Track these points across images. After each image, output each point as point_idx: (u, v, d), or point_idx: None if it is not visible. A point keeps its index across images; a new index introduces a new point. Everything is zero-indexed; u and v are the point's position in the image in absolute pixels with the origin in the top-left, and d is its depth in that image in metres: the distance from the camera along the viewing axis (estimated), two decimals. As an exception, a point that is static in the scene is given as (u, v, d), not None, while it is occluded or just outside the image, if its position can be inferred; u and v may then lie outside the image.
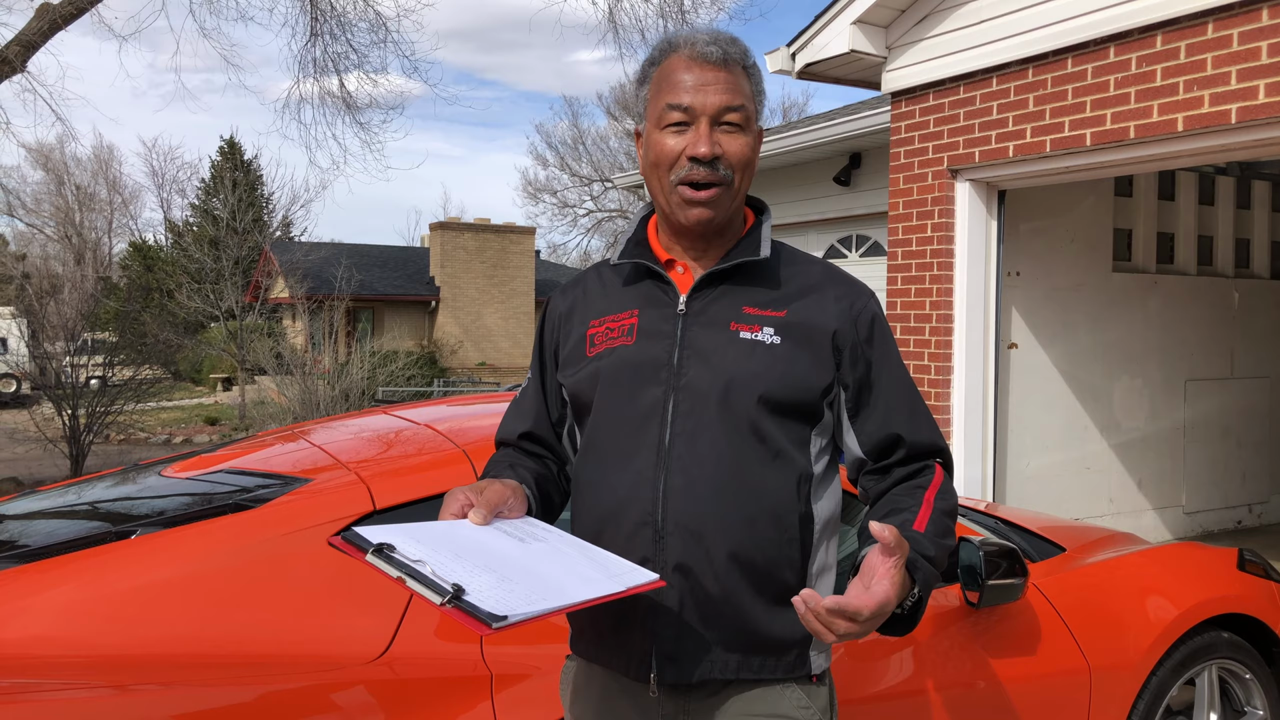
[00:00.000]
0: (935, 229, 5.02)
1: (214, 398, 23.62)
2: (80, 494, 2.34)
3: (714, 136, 1.36)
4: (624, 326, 1.45)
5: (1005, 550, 2.18)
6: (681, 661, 1.36)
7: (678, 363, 1.40)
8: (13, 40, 8.85)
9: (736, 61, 1.38)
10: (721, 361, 1.38)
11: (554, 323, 1.56)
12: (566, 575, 1.21)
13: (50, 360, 12.20)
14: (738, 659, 1.37)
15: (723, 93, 1.36)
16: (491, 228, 27.72)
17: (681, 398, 1.39)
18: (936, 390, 4.99)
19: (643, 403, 1.40)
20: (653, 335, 1.43)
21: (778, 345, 1.38)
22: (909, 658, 2.17)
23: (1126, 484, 6.16)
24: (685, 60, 1.38)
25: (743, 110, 1.38)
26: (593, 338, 1.47)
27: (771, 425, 1.37)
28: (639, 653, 1.38)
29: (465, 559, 1.19)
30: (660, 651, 1.36)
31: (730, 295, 1.43)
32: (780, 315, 1.40)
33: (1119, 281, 6.05)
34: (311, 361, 13.33)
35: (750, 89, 1.40)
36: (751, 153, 1.40)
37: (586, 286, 1.55)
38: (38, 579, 1.68)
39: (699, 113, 1.36)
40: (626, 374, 1.42)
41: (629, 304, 1.47)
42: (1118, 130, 4.16)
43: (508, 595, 1.11)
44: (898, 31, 5.11)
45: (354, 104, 12.01)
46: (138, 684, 1.55)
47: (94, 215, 39.82)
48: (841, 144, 7.32)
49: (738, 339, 1.39)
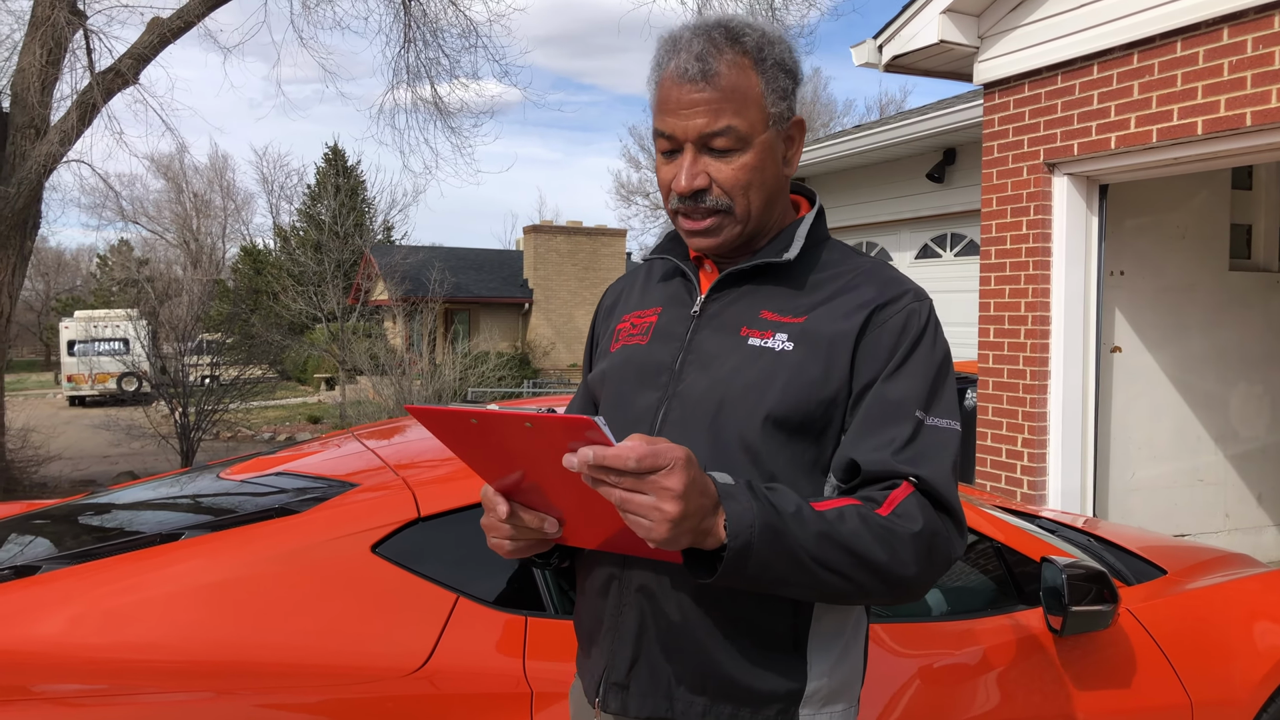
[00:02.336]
0: (1031, 226, 4.76)
1: (317, 397, 24.44)
2: (144, 493, 2.38)
3: (700, 164, 1.22)
4: (645, 325, 1.37)
5: (1093, 573, 2.00)
6: (630, 692, 1.25)
7: (679, 367, 1.29)
8: (125, 54, 9.27)
9: (730, 65, 1.19)
10: (720, 370, 1.25)
11: (600, 316, 1.50)
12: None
13: (166, 360, 12.79)
14: (703, 703, 1.22)
15: (704, 115, 1.19)
16: (583, 230, 27.95)
17: (674, 405, 1.27)
18: (1032, 396, 4.74)
19: (636, 407, 1.30)
20: (666, 337, 1.33)
21: (788, 353, 1.22)
22: (989, 685, 2.02)
23: (1245, 498, 5.74)
24: (670, 78, 1.21)
25: (730, 132, 1.20)
26: (617, 333, 1.40)
27: (768, 444, 1.20)
28: (596, 674, 1.30)
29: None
30: (610, 677, 1.27)
31: (750, 298, 1.29)
32: (798, 321, 1.24)
33: (1236, 281, 5.64)
34: (408, 362, 13.65)
35: (759, 84, 1.21)
36: (751, 173, 1.22)
37: (634, 279, 1.48)
38: (83, 581, 1.69)
39: (681, 139, 1.22)
40: (631, 375, 1.33)
41: (656, 301, 1.38)
42: (1233, 117, 3.85)
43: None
44: (990, 20, 4.87)
45: (445, 109, 12.19)
46: (167, 691, 1.54)
47: (209, 221, 41.80)
48: (934, 139, 7.07)
49: (744, 346, 1.25)
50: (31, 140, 8.83)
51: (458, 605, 1.75)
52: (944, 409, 1.22)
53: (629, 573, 1.26)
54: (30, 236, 9.27)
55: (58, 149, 8.87)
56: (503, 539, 1.18)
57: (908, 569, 1.11)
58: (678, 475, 0.98)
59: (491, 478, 1.16)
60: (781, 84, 1.24)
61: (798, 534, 1.06)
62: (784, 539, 1.05)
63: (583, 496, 1.06)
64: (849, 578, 1.09)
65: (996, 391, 4.95)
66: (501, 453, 1.09)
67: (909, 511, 1.12)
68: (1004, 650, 2.05)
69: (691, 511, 1.00)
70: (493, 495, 1.15)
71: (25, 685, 1.53)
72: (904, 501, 1.13)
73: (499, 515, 1.14)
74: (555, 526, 1.16)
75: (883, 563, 1.10)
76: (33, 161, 8.71)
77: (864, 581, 1.10)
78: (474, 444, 1.10)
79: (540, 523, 1.15)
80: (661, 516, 0.98)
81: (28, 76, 8.83)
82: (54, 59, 8.93)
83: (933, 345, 1.23)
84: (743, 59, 1.21)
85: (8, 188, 8.67)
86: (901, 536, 1.11)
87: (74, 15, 8.97)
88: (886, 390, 1.20)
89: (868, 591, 1.12)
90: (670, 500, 0.98)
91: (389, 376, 12.82)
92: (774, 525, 1.05)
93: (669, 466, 0.98)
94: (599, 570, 1.30)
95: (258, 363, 14.06)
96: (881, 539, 1.10)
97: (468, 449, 1.12)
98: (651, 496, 0.98)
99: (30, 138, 8.84)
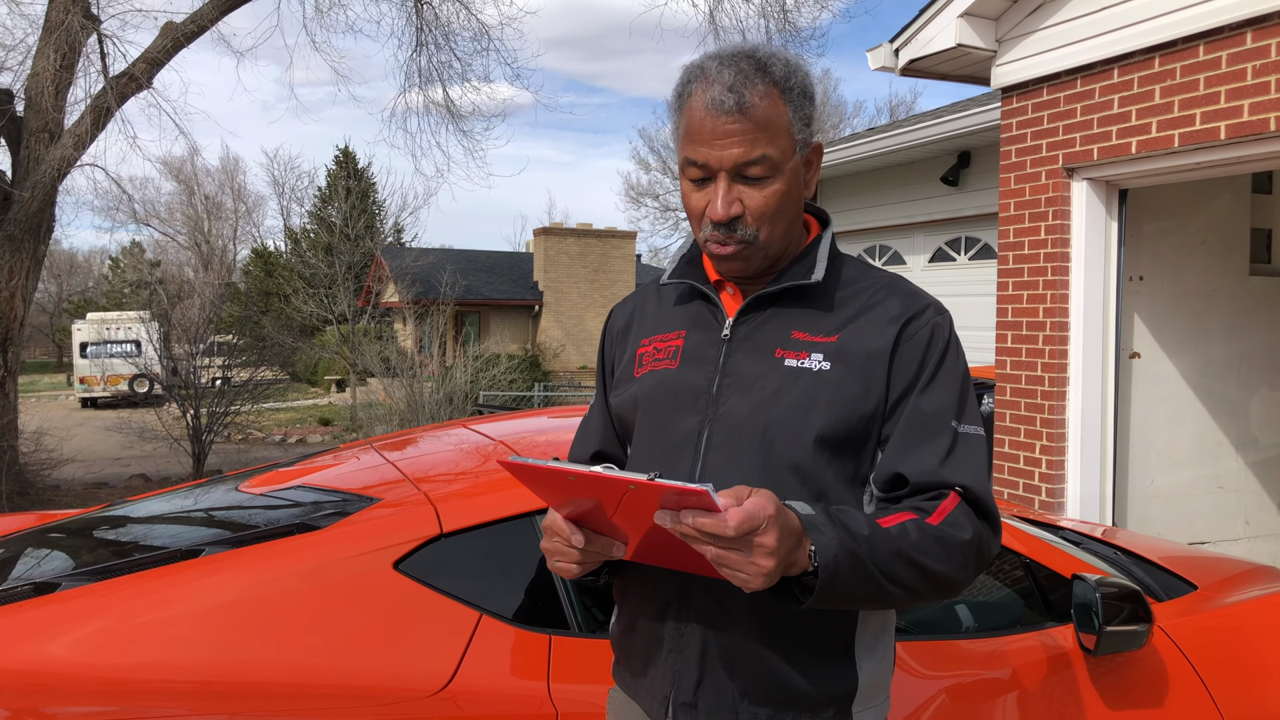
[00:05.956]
0: (1049, 231, 4.72)
1: (328, 399, 24.50)
2: (162, 506, 2.36)
3: (733, 192, 1.25)
4: (670, 348, 1.38)
5: (1128, 592, 1.96)
6: (699, 710, 1.29)
7: (716, 391, 1.31)
8: (138, 58, 9.30)
9: (762, 96, 1.22)
10: (762, 392, 1.28)
11: (611, 338, 1.52)
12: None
13: (178, 362, 12.82)
14: (767, 713, 1.27)
15: (739, 145, 1.22)
16: (593, 232, 27.93)
17: (717, 429, 1.29)
18: (1050, 403, 4.69)
19: (678, 432, 1.32)
20: (696, 360, 1.35)
21: (826, 372, 1.26)
22: (1015, 704, 1.98)
23: (1265, 505, 5.68)
24: (702, 109, 1.24)
25: (764, 161, 1.23)
26: (641, 358, 1.41)
27: (815, 462, 1.24)
28: (659, 694, 1.33)
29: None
30: (678, 698, 1.30)
31: (779, 319, 1.32)
32: (831, 340, 1.28)
33: (1258, 286, 5.58)
34: (419, 365, 13.64)
35: (788, 113, 1.25)
36: (780, 200, 1.26)
37: (644, 302, 1.50)
38: (104, 599, 1.67)
39: (715, 168, 1.25)
40: (666, 400, 1.35)
41: (677, 324, 1.40)
42: (1255, 122, 3.80)
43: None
44: (1008, 23, 4.83)
45: (457, 112, 12.20)
46: (182, 715, 1.52)
47: (221, 223, 41.98)
48: (949, 142, 7.03)
49: (781, 367, 1.28)
50: (46, 144, 8.85)
51: (481, 623, 1.73)
52: (972, 416, 1.29)
53: (688, 596, 1.29)
54: (44, 240, 9.30)
55: (71, 153, 8.90)
56: (570, 564, 1.21)
57: (959, 573, 1.19)
58: (772, 532, 1.03)
59: (561, 507, 1.17)
60: (806, 111, 1.28)
61: (872, 554, 1.12)
62: (862, 561, 1.11)
63: (660, 533, 1.08)
64: (911, 588, 1.16)
65: (1014, 398, 4.90)
66: (586, 498, 1.11)
67: (958, 520, 1.19)
68: (1034, 669, 2.02)
69: (783, 558, 1.05)
70: (564, 524, 1.17)
71: (37, 708, 1.50)
72: (953, 511, 1.20)
73: (575, 544, 1.17)
74: (622, 549, 1.19)
75: (941, 571, 1.17)
76: (47, 165, 8.74)
77: (922, 589, 1.17)
78: (558, 488, 1.11)
79: (610, 547, 1.19)
80: (757, 570, 1.03)
81: (42, 81, 8.85)
82: (68, 63, 8.96)
83: (957, 357, 1.30)
84: (772, 89, 1.24)
85: (22, 192, 8.69)
86: (954, 544, 1.18)
87: (88, 20, 8.99)
88: (922, 403, 1.26)
89: (923, 596, 1.19)
90: (765, 556, 1.03)
91: (400, 379, 12.82)
92: (853, 550, 1.11)
93: (763, 525, 1.02)
94: (653, 593, 1.33)
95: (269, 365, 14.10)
96: (939, 549, 1.17)
97: (547, 491, 1.13)
98: (748, 554, 1.03)
99: (44, 142, 8.86)
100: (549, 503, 1.17)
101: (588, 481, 1.05)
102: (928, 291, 1.37)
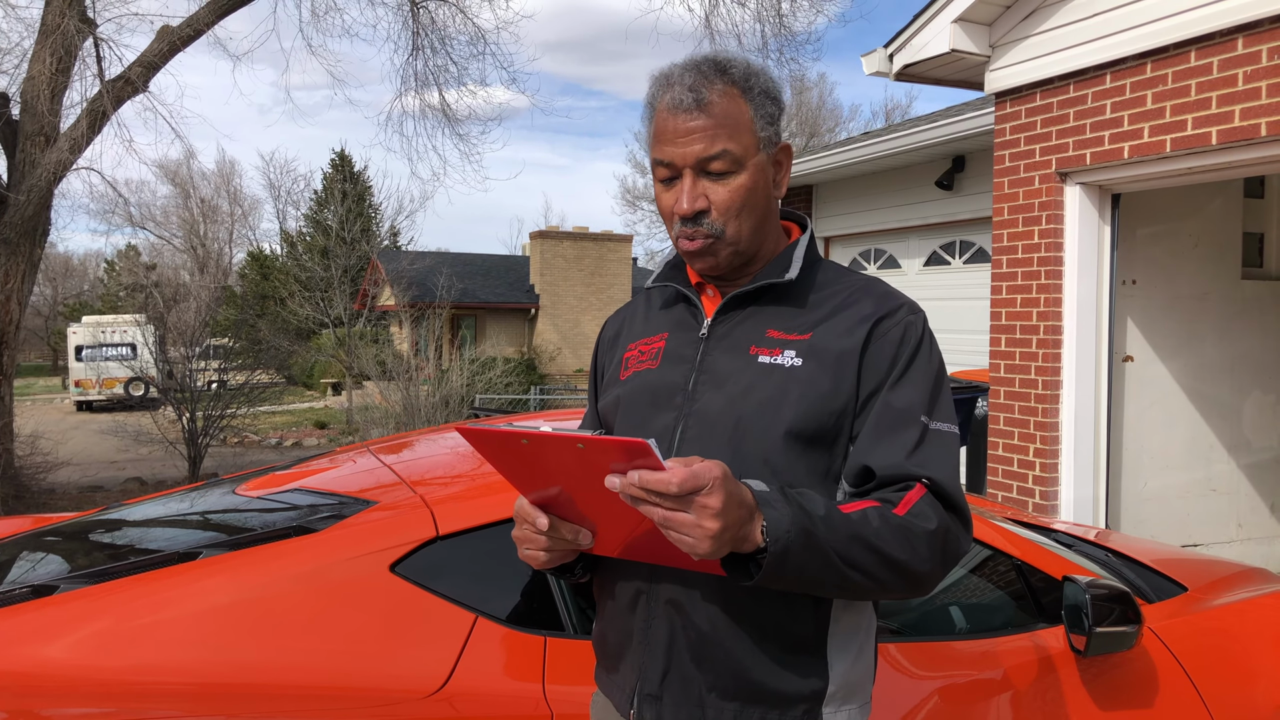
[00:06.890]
0: (1043, 235, 4.74)
1: (324, 402, 24.47)
2: (159, 509, 2.37)
3: (699, 188, 1.30)
4: (653, 350, 1.43)
5: (1117, 593, 1.98)
6: (664, 703, 1.31)
7: (692, 388, 1.35)
8: (134, 61, 9.29)
9: (721, 94, 1.28)
10: (735, 388, 1.31)
11: (603, 348, 1.56)
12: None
13: (174, 365, 12.81)
14: (734, 709, 1.28)
15: (700, 141, 1.28)
16: (589, 236, 27.95)
17: (691, 424, 1.32)
18: (1044, 406, 4.72)
19: (654, 428, 1.35)
20: (676, 360, 1.39)
21: (798, 368, 1.29)
22: (1007, 704, 2.00)
23: (1258, 507, 5.71)
24: (666, 110, 1.30)
25: (726, 156, 1.28)
26: (627, 361, 1.46)
27: (786, 456, 1.26)
28: (627, 687, 1.35)
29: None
30: (643, 689, 1.32)
31: (755, 318, 1.36)
32: (804, 338, 1.32)
33: (1249, 289, 5.61)
34: (415, 368, 13.64)
35: (749, 111, 1.30)
36: (745, 195, 1.31)
37: (634, 310, 1.54)
38: (102, 601, 1.68)
39: (680, 165, 1.30)
40: (645, 398, 1.39)
41: (662, 328, 1.45)
42: (1247, 128, 3.83)
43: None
44: (1002, 29, 4.86)
45: (453, 116, 12.22)
46: (180, 716, 1.53)
47: (216, 227, 41.93)
48: (943, 146, 7.05)
49: (755, 364, 1.32)
50: (41, 148, 8.85)
51: (476, 625, 1.74)
52: (944, 413, 1.30)
53: (657, 586, 1.31)
54: (40, 244, 9.29)
55: (67, 156, 8.89)
56: (538, 550, 1.23)
57: (924, 565, 1.19)
58: (717, 494, 1.03)
59: (528, 491, 1.19)
60: (768, 110, 1.33)
61: (828, 536, 1.13)
62: (817, 541, 1.12)
63: (619, 511, 1.10)
64: (873, 575, 1.16)
65: (1008, 401, 4.93)
66: (544, 470, 1.12)
67: (923, 511, 1.20)
68: (1025, 670, 2.03)
69: (731, 524, 1.05)
70: (530, 508, 1.20)
71: (35, 710, 1.51)
72: (918, 502, 1.20)
73: (539, 528, 1.19)
74: (589, 538, 1.21)
75: (903, 560, 1.17)
76: (43, 169, 8.73)
77: (886, 578, 1.17)
78: (518, 461, 1.13)
79: (575, 535, 1.21)
80: (703, 533, 1.03)
81: (38, 84, 8.85)
82: (64, 67, 8.95)
83: (929, 354, 1.32)
84: (731, 88, 1.30)
85: (18, 195, 8.68)
86: (919, 535, 1.18)
87: (83, 23, 8.99)
88: (892, 399, 1.28)
89: (888, 587, 1.19)
90: (710, 517, 1.03)
91: (396, 382, 12.83)
92: (807, 528, 1.11)
93: (708, 486, 1.03)
94: (625, 585, 1.35)
95: (265, 368, 14.08)
96: (901, 538, 1.17)
97: (509, 465, 1.15)
98: (693, 515, 1.03)
99: (40, 145, 8.86)
100: (515, 485, 1.20)
101: (540, 443, 1.07)
102: (908, 295, 1.39)
